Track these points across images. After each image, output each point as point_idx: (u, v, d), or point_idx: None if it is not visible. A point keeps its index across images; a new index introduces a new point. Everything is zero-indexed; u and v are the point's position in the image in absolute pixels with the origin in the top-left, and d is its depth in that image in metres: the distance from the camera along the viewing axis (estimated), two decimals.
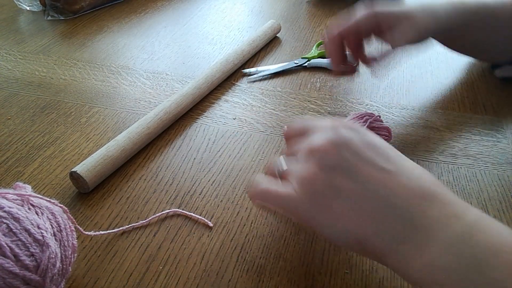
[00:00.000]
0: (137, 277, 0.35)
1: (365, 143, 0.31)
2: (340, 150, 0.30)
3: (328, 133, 0.32)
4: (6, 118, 0.52)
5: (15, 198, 0.30)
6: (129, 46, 0.69)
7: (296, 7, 0.85)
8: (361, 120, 0.45)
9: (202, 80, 0.56)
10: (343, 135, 0.31)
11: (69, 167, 0.45)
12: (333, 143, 0.31)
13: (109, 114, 0.53)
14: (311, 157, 0.31)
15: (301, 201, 0.30)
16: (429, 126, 0.52)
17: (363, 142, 0.31)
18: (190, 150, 0.48)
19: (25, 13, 0.79)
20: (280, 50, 0.69)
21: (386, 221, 0.28)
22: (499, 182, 0.44)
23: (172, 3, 0.85)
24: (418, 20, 0.49)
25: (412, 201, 0.28)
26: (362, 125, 0.45)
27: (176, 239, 0.38)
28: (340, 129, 0.32)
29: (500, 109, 0.55)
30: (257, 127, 0.51)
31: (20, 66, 0.63)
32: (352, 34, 0.51)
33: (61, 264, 0.30)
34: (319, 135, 0.32)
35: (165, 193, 0.42)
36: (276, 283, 0.35)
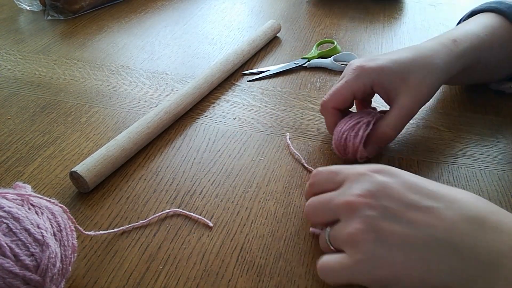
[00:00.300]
0: (137, 277, 0.35)
1: (403, 185, 0.29)
2: (380, 199, 0.29)
3: (364, 183, 0.30)
4: (6, 118, 0.52)
5: (15, 198, 0.30)
6: (129, 46, 0.69)
7: (296, 7, 0.84)
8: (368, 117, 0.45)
9: (202, 80, 0.56)
10: (380, 182, 0.30)
11: (69, 167, 0.45)
12: (372, 193, 0.29)
13: (109, 114, 0.53)
14: (352, 214, 0.30)
15: (358, 266, 0.29)
16: (429, 126, 0.52)
17: (401, 184, 0.30)
18: (190, 150, 0.48)
19: (25, 13, 0.79)
20: (280, 50, 0.69)
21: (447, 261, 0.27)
22: (499, 182, 0.44)
23: (172, 3, 0.85)
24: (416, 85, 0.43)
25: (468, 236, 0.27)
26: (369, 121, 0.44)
27: (176, 239, 0.38)
28: (374, 175, 0.30)
29: (500, 110, 0.55)
30: (257, 127, 0.51)
31: (20, 66, 0.63)
32: (347, 104, 0.46)
33: (61, 264, 0.30)
34: (355, 186, 0.31)
35: (165, 193, 0.42)
36: (276, 283, 0.34)
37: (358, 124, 0.44)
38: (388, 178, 0.30)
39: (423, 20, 0.79)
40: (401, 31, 0.75)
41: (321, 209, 0.34)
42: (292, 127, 0.51)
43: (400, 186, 0.29)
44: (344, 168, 0.34)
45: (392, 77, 0.43)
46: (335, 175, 0.34)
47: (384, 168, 0.31)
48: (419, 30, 0.75)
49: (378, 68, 0.44)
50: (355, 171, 0.32)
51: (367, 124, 0.44)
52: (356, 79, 0.44)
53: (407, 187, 0.29)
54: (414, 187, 0.30)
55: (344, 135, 0.44)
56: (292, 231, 0.39)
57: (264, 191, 0.43)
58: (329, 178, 0.34)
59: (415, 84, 0.43)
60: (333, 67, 0.63)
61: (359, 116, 0.45)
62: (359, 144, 0.43)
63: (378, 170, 0.31)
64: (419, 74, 0.44)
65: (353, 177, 0.32)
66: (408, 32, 0.74)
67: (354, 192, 0.30)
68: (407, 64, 0.44)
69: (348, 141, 0.44)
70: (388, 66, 0.44)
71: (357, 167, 0.33)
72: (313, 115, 0.53)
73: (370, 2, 0.86)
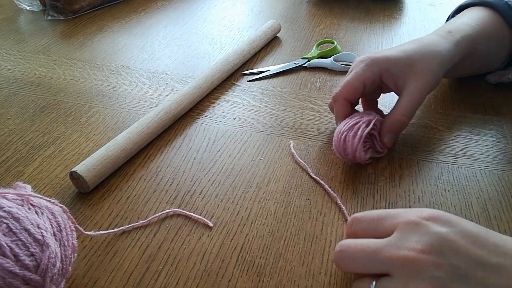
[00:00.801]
0: (137, 277, 0.35)
1: (465, 237, 0.27)
2: (446, 257, 0.26)
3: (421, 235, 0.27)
4: (6, 118, 0.52)
5: (15, 198, 0.30)
6: (129, 46, 0.69)
7: (296, 7, 0.84)
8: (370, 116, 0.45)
9: (202, 80, 0.56)
10: (440, 235, 0.27)
11: (69, 167, 0.45)
12: (434, 248, 0.26)
13: (109, 114, 0.53)
14: (414, 273, 0.26)
15: None
16: (429, 126, 0.52)
17: (463, 236, 0.27)
18: (190, 150, 0.48)
19: (25, 13, 0.79)
20: (280, 50, 0.69)
21: None
22: (499, 182, 0.44)
23: (172, 2, 0.85)
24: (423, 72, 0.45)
25: None
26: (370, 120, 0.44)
27: (176, 239, 0.38)
28: (430, 225, 0.27)
29: (500, 109, 0.55)
30: (257, 127, 0.51)
31: (20, 66, 0.63)
32: (358, 95, 0.46)
33: (61, 264, 0.30)
34: (411, 238, 0.27)
35: (165, 193, 0.42)
36: (276, 283, 0.34)
37: (357, 124, 0.44)
38: (447, 228, 0.27)
39: (423, 20, 0.79)
40: (401, 31, 0.75)
41: (363, 259, 0.30)
42: (292, 127, 0.51)
43: (463, 238, 0.27)
44: (389, 214, 0.31)
45: (400, 66, 0.45)
46: (380, 224, 0.31)
47: (439, 215, 0.28)
48: (419, 30, 0.75)
49: (386, 57, 0.46)
50: (406, 218, 0.29)
51: (367, 123, 0.44)
52: (365, 69, 0.45)
53: (470, 240, 0.27)
54: (477, 239, 0.27)
55: (343, 135, 0.44)
56: (292, 231, 0.39)
57: (264, 191, 0.43)
58: (373, 228, 0.31)
59: (422, 71, 0.45)
60: (333, 67, 0.63)
61: (359, 116, 0.45)
62: (358, 144, 0.43)
63: (432, 218, 0.28)
64: (425, 62, 0.45)
65: (405, 227, 0.28)
66: (408, 32, 0.74)
67: (412, 245, 0.27)
68: (413, 53, 0.46)
69: (347, 141, 0.43)
70: (395, 55, 0.46)
71: (405, 213, 0.29)
72: (313, 115, 0.53)
73: (370, 2, 0.86)
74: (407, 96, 0.45)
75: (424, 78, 0.45)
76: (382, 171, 0.46)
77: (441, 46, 0.47)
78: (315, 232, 0.39)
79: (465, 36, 0.50)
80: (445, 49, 0.47)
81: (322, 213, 0.41)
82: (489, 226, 0.40)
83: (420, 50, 0.46)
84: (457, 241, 0.27)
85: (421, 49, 0.46)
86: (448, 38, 0.48)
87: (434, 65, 0.46)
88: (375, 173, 0.45)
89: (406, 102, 0.45)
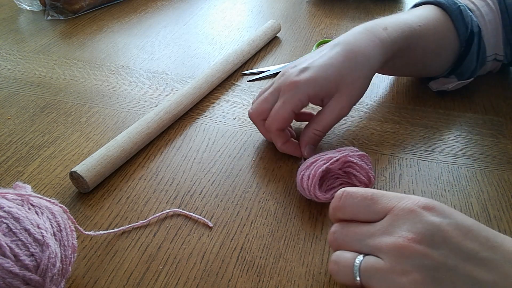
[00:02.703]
0: (137, 277, 0.35)
1: (458, 229, 0.27)
2: (437, 244, 0.26)
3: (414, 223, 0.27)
4: (6, 118, 0.52)
5: (15, 198, 0.30)
6: (129, 46, 0.69)
7: (296, 7, 0.85)
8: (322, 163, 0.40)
9: (202, 80, 0.56)
10: (433, 224, 0.27)
11: (69, 167, 0.45)
12: (426, 238, 0.26)
13: (109, 114, 0.53)
14: (403, 260, 0.26)
15: None
16: (429, 126, 0.52)
17: (456, 228, 0.27)
18: (190, 150, 0.48)
19: (25, 13, 0.79)
20: (280, 50, 0.69)
21: None
22: (499, 182, 0.44)
23: (172, 3, 0.85)
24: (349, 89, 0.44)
25: None
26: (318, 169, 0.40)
27: (176, 239, 0.38)
28: (425, 214, 0.27)
29: (500, 109, 0.55)
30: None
31: (20, 66, 0.63)
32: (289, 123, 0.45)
33: (61, 264, 0.30)
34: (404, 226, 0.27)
35: (165, 193, 0.42)
36: (276, 283, 0.34)
37: (315, 162, 0.41)
38: (440, 218, 0.27)
39: None
40: None
41: (353, 243, 0.30)
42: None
43: (455, 230, 0.26)
44: (384, 196, 0.30)
45: (327, 87, 0.43)
46: (373, 203, 0.30)
47: (434, 205, 0.28)
48: None
49: (312, 79, 0.43)
50: (402, 205, 0.28)
51: (326, 161, 0.40)
52: (292, 98, 0.43)
53: (463, 232, 0.27)
54: (469, 232, 0.27)
55: (301, 174, 0.41)
56: (292, 231, 0.39)
57: (264, 191, 0.43)
58: (365, 206, 0.30)
59: (348, 88, 0.43)
60: None
61: (325, 153, 0.42)
62: (311, 183, 0.39)
63: (427, 207, 0.28)
64: (352, 76, 0.43)
65: (399, 212, 0.28)
66: None
67: (403, 233, 0.27)
68: (339, 68, 0.44)
69: (303, 181, 0.40)
70: (320, 75, 0.43)
71: (401, 199, 0.29)
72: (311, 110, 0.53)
73: (370, 2, 0.86)
74: (327, 113, 0.44)
75: (349, 95, 0.44)
76: (382, 171, 0.46)
77: (370, 49, 0.45)
78: (315, 232, 0.39)
79: (400, 36, 0.48)
80: (373, 52, 0.45)
81: (322, 213, 0.41)
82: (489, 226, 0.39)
83: (348, 61, 0.44)
84: (449, 232, 0.26)
85: (349, 59, 0.44)
86: (380, 36, 0.46)
87: (361, 76, 0.44)
88: (375, 173, 0.45)
89: (325, 119, 0.44)
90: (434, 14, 0.53)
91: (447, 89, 0.56)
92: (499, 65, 0.59)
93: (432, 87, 0.58)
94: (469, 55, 0.53)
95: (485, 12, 0.55)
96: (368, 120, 0.53)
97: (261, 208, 0.41)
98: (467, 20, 0.52)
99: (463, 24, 0.52)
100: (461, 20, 0.52)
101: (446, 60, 0.55)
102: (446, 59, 0.54)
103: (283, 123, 0.44)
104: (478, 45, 0.53)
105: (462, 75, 0.55)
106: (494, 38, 0.55)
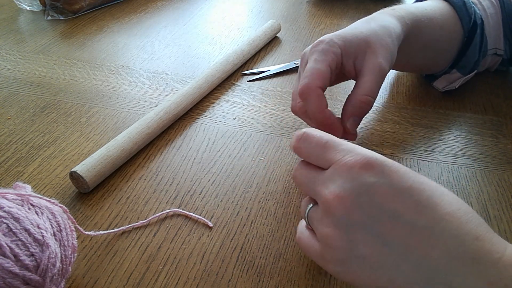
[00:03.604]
0: (137, 277, 0.35)
1: (390, 189, 0.26)
2: (362, 204, 0.26)
3: (348, 181, 0.27)
4: (6, 118, 0.52)
5: (15, 198, 0.30)
6: (129, 46, 0.69)
7: (296, 7, 0.85)
8: None
9: (202, 80, 0.56)
10: (365, 184, 0.26)
11: (69, 167, 0.45)
12: (354, 195, 0.26)
13: (109, 114, 0.53)
14: (328, 212, 0.27)
15: (324, 261, 0.28)
16: (429, 126, 0.52)
17: (388, 188, 0.26)
18: (190, 150, 0.48)
19: (25, 13, 0.79)
20: (280, 50, 0.69)
21: None
22: (499, 182, 0.44)
23: (172, 3, 0.85)
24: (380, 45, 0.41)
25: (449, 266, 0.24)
26: None
27: (176, 239, 0.38)
28: (362, 174, 0.26)
29: (500, 109, 0.55)
30: (257, 127, 0.51)
31: (20, 66, 0.63)
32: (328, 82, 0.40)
33: (61, 264, 0.30)
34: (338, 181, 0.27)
35: (165, 193, 0.42)
36: (276, 283, 0.34)
37: None
38: (376, 179, 0.26)
39: None
40: None
41: (305, 185, 0.31)
42: (292, 127, 0.51)
43: (386, 191, 0.26)
44: (336, 146, 0.29)
45: (357, 44, 0.41)
46: (323, 152, 0.29)
47: (375, 165, 0.27)
48: None
49: (342, 37, 0.41)
50: (343, 160, 0.28)
51: None
52: (326, 51, 0.40)
53: (393, 193, 0.26)
54: (401, 194, 0.26)
55: None
56: (292, 231, 0.39)
57: (264, 191, 0.43)
58: (316, 153, 0.30)
59: (379, 43, 0.41)
60: None
61: None
62: None
63: (367, 167, 0.27)
64: (380, 38, 0.42)
65: (339, 168, 0.28)
66: None
67: (334, 189, 0.27)
68: (365, 25, 0.43)
69: None
70: (347, 31, 0.42)
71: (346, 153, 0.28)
72: None
73: (370, 2, 0.86)
74: (368, 74, 0.40)
75: (382, 53, 0.41)
76: None
77: (389, 22, 0.44)
78: None
79: (408, 13, 0.47)
80: (393, 24, 0.44)
81: None
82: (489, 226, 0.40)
83: (373, 28, 0.42)
84: (378, 193, 0.26)
85: (374, 27, 0.43)
86: (392, 14, 0.46)
87: (388, 40, 0.42)
88: None
89: (368, 80, 0.40)
90: (439, 4, 0.53)
91: (454, 87, 0.56)
92: (499, 60, 0.59)
93: (438, 87, 0.58)
94: (471, 46, 0.53)
95: (487, 5, 0.56)
96: (368, 120, 0.53)
97: (261, 208, 0.41)
98: (471, 11, 0.53)
99: (467, 15, 0.53)
100: (465, 11, 0.53)
101: (449, 51, 0.55)
102: (450, 50, 0.55)
103: (322, 80, 0.39)
104: (480, 36, 0.53)
105: (465, 67, 0.55)
106: (495, 31, 0.56)
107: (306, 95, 0.39)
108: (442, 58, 0.56)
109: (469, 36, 0.53)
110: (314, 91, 0.38)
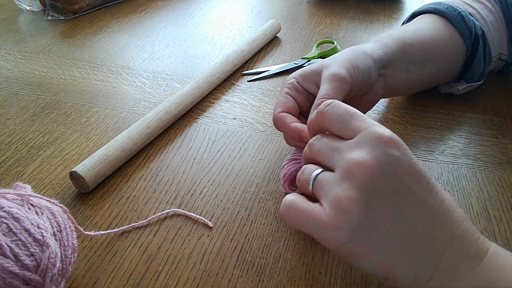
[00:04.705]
0: (137, 277, 0.35)
1: (409, 167, 0.28)
2: (386, 174, 0.27)
3: (376, 149, 0.28)
4: (6, 118, 0.52)
5: (15, 198, 0.30)
6: (129, 46, 0.69)
7: (296, 7, 0.85)
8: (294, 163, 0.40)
9: (202, 80, 0.56)
10: (393, 156, 0.27)
11: (69, 167, 0.45)
12: (381, 164, 0.27)
13: (109, 114, 0.53)
14: (350, 176, 0.27)
15: (331, 229, 0.27)
16: (429, 126, 0.52)
17: (409, 166, 0.28)
18: (190, 150, 0.48)
19: (25, 13, 0.79)
20: (280, 50, 0.69)
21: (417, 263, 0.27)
22: (499, 182, 0.44)
23: (172, 3, 0.85)
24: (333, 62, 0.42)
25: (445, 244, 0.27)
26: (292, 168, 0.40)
27: (176, 239, 0.38)
28: (390, 146, 0.28)
29: (500, 109, 0.55)
30: (257, 127, 0.51)
31: (20, 66, 0.63)
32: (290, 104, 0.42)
33: (61, 264, 0.30)
34: (366, 148, 0.28)
35: (165, 193, 0.42)
36: (276, 283, 0.34)
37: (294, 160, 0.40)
38: (400, 154, 0.28)
39: None
40: None
41: (324, 152, 0.31)
42: None
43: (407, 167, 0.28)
44: (363, 117, 0.30)
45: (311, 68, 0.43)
46: (351, 119, 0.30)
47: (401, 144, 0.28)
48: None
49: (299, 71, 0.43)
50: (373, 129, 0.29)
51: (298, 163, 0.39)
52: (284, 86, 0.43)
53: (411, 171, 0.28)
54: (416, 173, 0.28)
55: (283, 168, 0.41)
56: (292, 231, 0.39)
57: (264, 191, 0.43)
58: (343, 119, 0.30)
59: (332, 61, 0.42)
60: None
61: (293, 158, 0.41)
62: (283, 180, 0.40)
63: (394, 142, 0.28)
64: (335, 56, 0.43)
65: (368, 135, 0.28)
66: None
67: (362, 154, 0.28)
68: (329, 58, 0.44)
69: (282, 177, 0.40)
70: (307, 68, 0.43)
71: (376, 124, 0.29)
72: None
73: (370, 2, 0.87)
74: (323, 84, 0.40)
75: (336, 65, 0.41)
76: None
77: (358, 46, 0.45)
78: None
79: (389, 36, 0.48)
80: (364, 46, 0.45)
81: None
82: (489, 226, 0.40)
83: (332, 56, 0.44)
84: (401, 168, 0.27)
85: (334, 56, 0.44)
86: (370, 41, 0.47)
87: (347, 55, 0.42)
88: None
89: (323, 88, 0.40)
90: (437, 23, 0.53)
91: (456, 91, 0.56)
92: (502, 64, 0.59)
93: (441, 89, 0.57)
94: (476, 59, 0.53)
95: (485, 14, 0.55)
96: None
97: (261, 208, 0.41)
98: (470, 24, 0.52)
99: (467, 29, 0.52)
100: (464, 25, 0.52)
101: (454, 65, 0.54)
102: (454, 64, 0.54)
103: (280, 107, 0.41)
104: (483, 47, 0.53)
105: (471, 79, 0.55)
106: (498, 38, 0.55)
107: (275, 123, 0.42)
108: (448, 73, 0.55)
109: (473, 49, 0.53)
110: (278, 117, 0.41)
